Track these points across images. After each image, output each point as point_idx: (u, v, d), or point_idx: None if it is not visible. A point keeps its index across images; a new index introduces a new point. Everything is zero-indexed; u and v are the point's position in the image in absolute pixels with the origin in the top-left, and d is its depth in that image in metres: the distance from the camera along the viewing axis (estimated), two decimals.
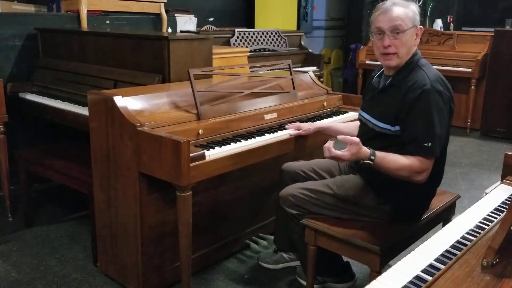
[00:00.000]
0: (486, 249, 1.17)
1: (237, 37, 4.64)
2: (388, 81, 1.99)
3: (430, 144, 1.80)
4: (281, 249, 2.50)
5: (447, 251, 1.29)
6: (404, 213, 2.00)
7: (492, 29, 5.39)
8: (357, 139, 1.79)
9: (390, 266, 1.25)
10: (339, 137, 1.85)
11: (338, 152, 1.80)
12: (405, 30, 1.89)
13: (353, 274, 2.37)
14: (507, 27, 6.07)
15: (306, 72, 3.05)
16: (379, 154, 1.83)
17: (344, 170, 2.25)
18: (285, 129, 2.37)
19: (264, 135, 2.27)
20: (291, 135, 2.32)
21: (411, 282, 1.15)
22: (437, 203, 2.17)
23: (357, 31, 7.00)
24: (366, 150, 1.82)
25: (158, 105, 2.15)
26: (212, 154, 1.98)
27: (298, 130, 2.35)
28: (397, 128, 1.90)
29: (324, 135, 2.45)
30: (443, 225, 1.97)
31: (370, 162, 1.81)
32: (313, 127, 2.38)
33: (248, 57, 3.59)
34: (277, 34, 5.00)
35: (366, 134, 2.03)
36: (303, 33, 5.49)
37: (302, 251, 2.16)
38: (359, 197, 2.00)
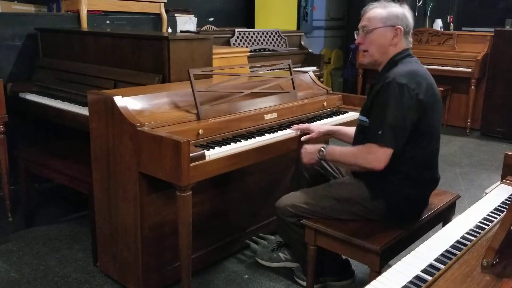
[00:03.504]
0: (486, 249, 1.17)
1: (237, 37, 4.63)
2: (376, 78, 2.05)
3: (381, 132, 1.84)
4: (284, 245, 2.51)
5: (447, 251, 1.29)
6: (400, 211, 1.99)
7: (492, 29, 5.39)
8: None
9: (390, 266, 1.25)
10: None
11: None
12: (371, 30, 1.97)
13: (352, 271, 2.37)
14: (507, 27, 6.08)
15: (306, 72, 3.05)
16: (332, 146, 2.08)
17: None
18: (285, 129, 2.36)
19: (264, 135, 2.27)
20: (302, 140, 2.30)
21: (411, 282, 1.15)
22: (437, 203, 2.17)
23: None
24: (318, 145, 2.10)
25: (158, 105, 2.15)
26: (212, 154, 1.98)
27: (307, 132, 2.33)
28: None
29: (330, 137, 2.46)
30: (443, 225, 1.97)
31: (322, 150, 2.05)
32: (323, 130, 2.35)
33: (248, 57, 3.58)
34: (277, 34, 5.00)
35: (357, 128, 2.13)
36: (303, 33, 5.48)
37: (301, 252, 2.16)
38: (353, 193, 2.01)
